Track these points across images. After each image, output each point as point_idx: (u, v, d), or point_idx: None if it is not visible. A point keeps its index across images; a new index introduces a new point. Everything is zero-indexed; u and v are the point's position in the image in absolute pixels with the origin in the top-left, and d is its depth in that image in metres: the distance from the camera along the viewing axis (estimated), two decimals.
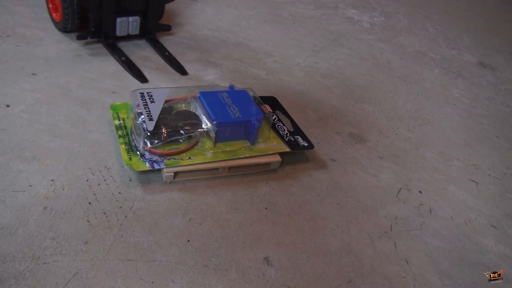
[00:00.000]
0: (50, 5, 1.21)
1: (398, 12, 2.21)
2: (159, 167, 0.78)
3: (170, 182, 0.81)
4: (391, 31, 1.92)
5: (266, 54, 1.40)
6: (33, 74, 1.02)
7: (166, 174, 0.79)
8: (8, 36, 1.15)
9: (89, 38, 1.15)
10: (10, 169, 0.75)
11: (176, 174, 0.80)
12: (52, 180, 0.75)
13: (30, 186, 0.73)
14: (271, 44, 1.48)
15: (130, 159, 0.79)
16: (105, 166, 0.81)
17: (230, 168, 0.85)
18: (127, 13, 1.15)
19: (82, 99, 0.98)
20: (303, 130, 1.00)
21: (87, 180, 0.77)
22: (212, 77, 1.19)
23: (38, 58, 1.08)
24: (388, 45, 1.75)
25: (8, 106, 0.90)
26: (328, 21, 1.84)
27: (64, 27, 1.16)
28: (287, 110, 1.06)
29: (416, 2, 2.47)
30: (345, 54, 1.55)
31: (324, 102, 1.22)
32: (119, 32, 1.17)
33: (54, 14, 1.19)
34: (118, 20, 1.14)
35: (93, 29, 1.13)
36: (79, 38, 1.13)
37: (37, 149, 0.81)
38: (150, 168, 0.77)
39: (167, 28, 1.31)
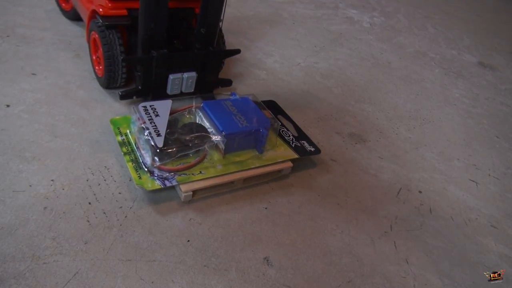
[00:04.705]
0: (94, 57, 1.03)
1: (398, 12, 2.21)
2: (171, 184, 0.75)
3: (189, 201, 0.78)
4: (391, 31, 1.92)
5: (266, 54, 1.40)
6: (33, 74, 1.02)
7: (185, 194, 0.75)
8: (8, 36, 1.15)
9: (134, 97, 0.97)
10: (10, 169, 0.75)
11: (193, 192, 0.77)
12: (52, 180, 0.75)
13: (30, 186, 0.73)
14: (271, 44, 1.48)
15: (140, 177, 0.75)
16: (105, 166, 0.81)
17: (245, 179, 0.82)
18: (182, 68, 0.97)
19: (82, 99, 0.98)
20: (304, 130, 1.00)
21: (87, 180, 0.77)
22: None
23: (38, 58, 1.08)
24: (388, 45, 1.75)
25: (8, 106, 0.90)
26: (328, 21, 1.84)
27: (106, 84, 0.99)
28: (287, 111, 1.06)
29: (416, 2, 2.47)
30: (345, 54, 1.55)
31: (324, 102, 1.22)
32: (171, 90, 0.98)
33: (96, 68, 1.03)
34: (171, 77, 0.95)
35: (139, 87, 0.95)
36: (122, 98, 0.94)
37: (37, 149, 0.81)
38: (162, 186, 0.74)
39: (227, 83, 1.12)
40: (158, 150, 0.76)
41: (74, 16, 1.27)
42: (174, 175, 0.77)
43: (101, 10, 0.92)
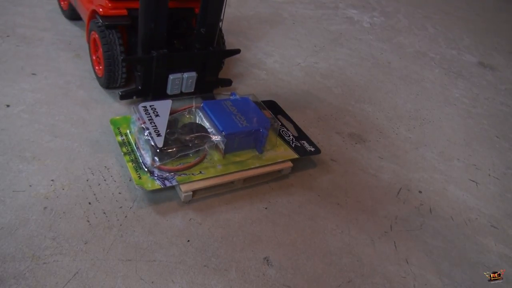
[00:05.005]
0: (94, 57, 1.03)
1: (398, 12, 2.21)
2: (171, 184, 0.75)
3: (189, 201, 0.78)
4: (391, 31, 1.92)
5: (266, 54, 1.40)
6: (33, 74, 1.02)
7: (185, 194, 0.75)
8: (8, 36, 1.15)
9: (134, 97, 0.97)
10: (10, 169, 0.75)
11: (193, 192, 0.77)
12: (52, 180, 0.75)
13: (30, 186, 0.73)
14: (271, 44, 1.48)
15: (140, 177, 0.75)
16: (105, 166, 0.81)
17: (245, 179, 0.82)
18: (182, 68, 0.97)
19: (82, 99, 0.98)
20: (304, 130, 1.00)
21: (87, 180, 0.77)
22: None
23: (38, 58, 1.08)
24: (388, 45, 1.75)
25: (8, 106, 0.90)
26: (328, 21, 1.84)
27: (106, 84, 0.99)
28: (287, 111, 1.06)
29: (416, 2, 2.47)
30: (345, 54, 1.55)
31: (324, 102, 1.22)
32: (171, 90, 0.97)
33: (96, 68, 1.03)
34: (171, 77, 0.95)
35: (139, 87, 0.95)
36: (122, 98, 0.95)
37: (37, 149, 0.81)
38: (162, 187, 0.75)
39: (227, 83, 1.12)
40: (158, 150, 0.76)
41: (71, 15, 1.27)
42: (174, 175, 0.77)
43: (101, 10, 0.92)
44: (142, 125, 0.79)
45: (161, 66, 0.92)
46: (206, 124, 0.86)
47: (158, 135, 0.77)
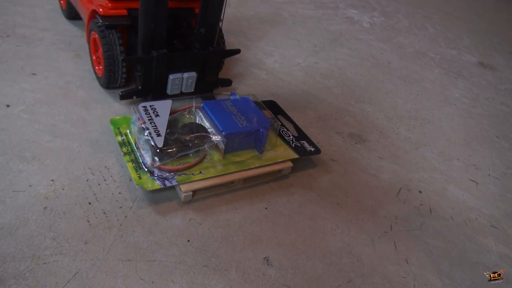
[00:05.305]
0: (94, 57, 1.04)
1: (398, 12, 2.21)
2: (171, 184, 0.75)
3: (189, 201, 0.78)
4: (391, 31, 1.92)
5: (266, 54, 1.40)
6: (33, 74, 1.02)
7: (185, 194, 0.75)
8: (8, 36, 1.15)
9: (134, 97, 0.97)
10: (10, 169, 0.75)
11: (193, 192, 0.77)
12: (52, 180, 0.75)
13: (30, 186, 0.73)
14: (271, 44, 1.48)
15: (140, 177, 0.75)
16: (105, 166, 0.81)
17: (245, 179, 0.82)
18: (182, 68, 0.97)
19: (82, 99, 0.98)
20: (304, 130, 1.00)
21: (87, 180, 0.77)
22: None
23: (38, 58, 1.09)
24: (388, 45, 1.75)
25: (8, 106, 0.90)
26: (328, 21, 1.84)
27: (106, 84, 1.00)
28: (287, 111, 1.06)
29: (416, 2, 2.48)
30: (345, 54, 1.55)
31: (324, 102, 1.22)
32: (171, 90, 0.98)
33: (96, 68, 1.03)
34: (171, 77, 0.95)
35: (139, 87, 0.96)
36: (122, 98, 0.95)
37: (37, 149, 0.81)
38: (162, 186, 0.74)
39: (227, 83, 1.12)
40: (158, 150, 0.76)
41: (69, 14, 1.27)
42: (174, 175, 0.77)
43: (101, 10, 0.92)
44: (142, 125, 0.79)
45: (161, 66, 0.92)
46: (206, 124, 0.86)
47: (158, 135, 0.77)
